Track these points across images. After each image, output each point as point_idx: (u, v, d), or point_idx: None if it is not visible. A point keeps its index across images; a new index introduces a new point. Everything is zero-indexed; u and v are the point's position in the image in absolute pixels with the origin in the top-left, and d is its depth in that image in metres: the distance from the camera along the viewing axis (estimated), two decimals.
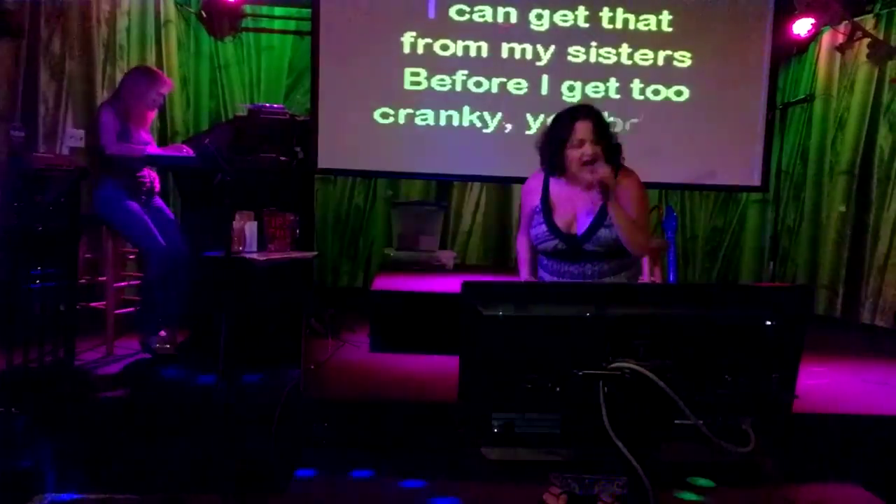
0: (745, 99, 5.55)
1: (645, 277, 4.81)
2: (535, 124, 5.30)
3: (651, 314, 1.49)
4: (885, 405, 3.50)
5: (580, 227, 2.70)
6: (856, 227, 5.54)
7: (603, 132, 2.70)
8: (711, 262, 6.44)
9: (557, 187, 2.78)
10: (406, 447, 3.15)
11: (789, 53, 6.02)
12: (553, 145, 2.73)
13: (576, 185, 2.73)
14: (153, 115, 4.20)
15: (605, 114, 2.80)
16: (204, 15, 5.82)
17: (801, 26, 5.61)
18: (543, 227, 2.74)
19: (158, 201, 4.16)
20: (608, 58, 5.45)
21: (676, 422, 1.43)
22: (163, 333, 4.02)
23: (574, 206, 2.73)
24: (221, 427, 2.93)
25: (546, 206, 2.76)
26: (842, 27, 5.54)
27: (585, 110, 2.73)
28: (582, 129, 2.66)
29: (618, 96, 5.46)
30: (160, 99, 4.07)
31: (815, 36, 5.81)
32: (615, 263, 2.73)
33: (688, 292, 1.69)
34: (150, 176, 4.08)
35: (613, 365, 1.41)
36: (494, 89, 5.44)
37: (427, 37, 5.41)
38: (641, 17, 5.44)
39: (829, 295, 5.72)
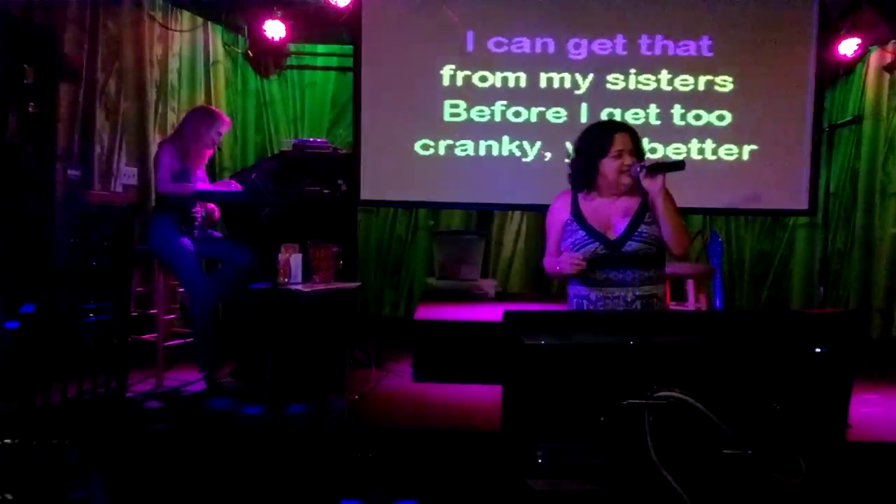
0: (790, 121, 5.47)
1: (690, 304, 4.75)
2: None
3: (696, 342, 1.47)
4: None
5: (617, 232, 2.72)
6: None
7: (638, 145, 2.75)
8: (759, 289, 6.30)
9: (586, 202, 2.80)
10: (450, 477, 3.13)
11: (836, 74, 5.91)
12: (589, 157, 2.74)
13: (608, 197, 2.75)
14: (211, 153, 4.32)
15: (646, 139, 2.82)
16: (250, 54, 5.99)
17: (847, 47, 5.52)
18: (581, 233, 2.73)
19: (210, 231, 4.27)
20: (647, 84, 5.43)
21: (725, 451, 1.41)
22: (228, 368, 4.07)
23: (607, 216, 2.75)
24: (268, 456, 2.96)
25: (579, 216, 2.77)
26: (890, 46, 5.44)
27: (621, 123, 2.79)
28: (621, 140, 2.69)
29: (658, 122, 5.43)
30: (219, 138, 4.21)
31: (861, 56, 5.71)
32: (654, 272, 2.73)
33: (734, 319, 1.67)
34: (203, 210, 4.19)
35: (659, 394, 1.39)
36: (533, 118, 5.46)
37: (466, 69, 5.48)
38: (681, 44, 5.42)
39: (884, 319, 5.55)
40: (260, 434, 3.17)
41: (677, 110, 5.45)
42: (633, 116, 5.40)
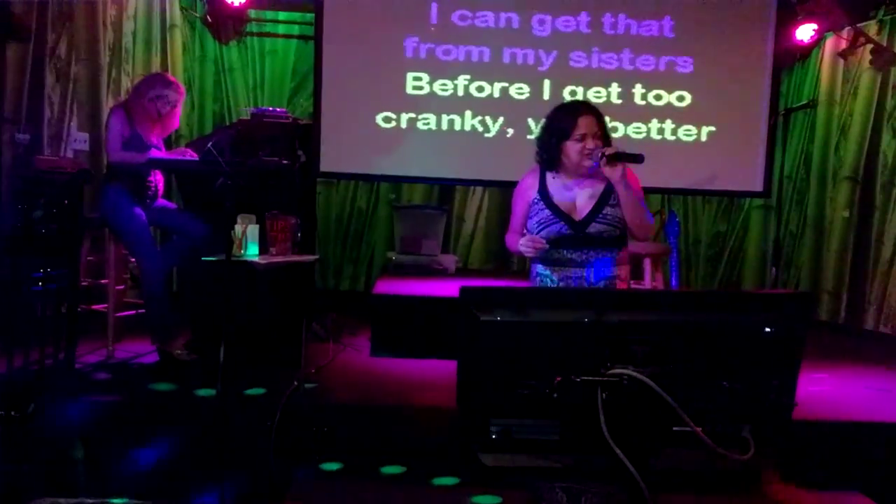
0: (747, 104, 5.56)
1: (647, 282, 4.82)
2: (537, 129, 5.29)
3: (650, 320, 1.49)
4: (887, 412, 3.49)
5: (581, 213, 2.75)
6: (859, 233, 5.52)
7: (604, 128, 2.76)
8: (714, 268, 6.42)
9: (554, 181, 2.82)
10: (405, 452, 3.14)
11: (792, 59, 6.00)
12: (554, 138, 2.75)
13: (574, 178, 2.78)
14: (172, 123, 4.14)
15: (607, 118, 2.84)
16: (209, 19, 5.83)
17: (804, 32, 5.60)
18: (546, 212, 2.76)
19: (160, 202, 4.16)
20: (610, 63, 5.46)
21: (675, 428, 1.43)
22: (182, 340, 3.99)
23: (574, 197, 2.79)
24: (221, 430, 2.93)
25: (546, 196, 2.79)
26: (845, 33, 5.53)
27: (587, 106, 2.79)
28: (585, 123, 2.71)
29: (619, 101, 5.47)
30: (160, 101, 3.97)
31: (817, 42, 5.80)
32: (615, 255, 2.77)
33: (688, 298, 1.69)
34: (157, 180, 4.09)
35: (612, 371, 1.41)
36: (496, 94, 5.46)
37: (429, 42, 5.43)
38: (643, 23, 5.44)
39: (833, 301, 5.70)
40: (213, 407, 3.13)
41: (638, 90, 5.50)
42: (594, 95, 5.43)
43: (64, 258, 3.63)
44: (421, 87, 5.44)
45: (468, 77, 5.43)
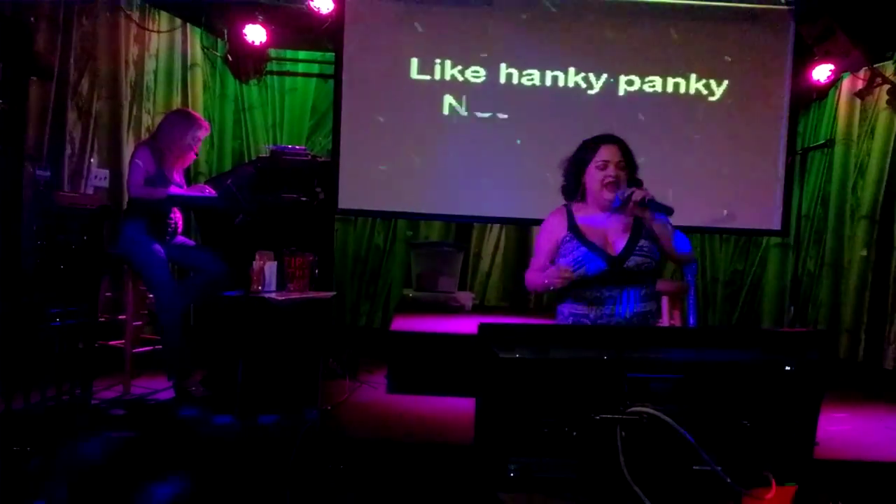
0: (765, 143, 5.57)
1: (665, 320, 4.78)
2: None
3: (670, 358, 1.47)
4: None
5: (617, 248, 2.68)
6: (877, 272, 5.47)
7: (628, 159, 2.73)
8: (732, 306, 6.36)
9: (584, 217, 2.77)
10: (422, 490, 3.11)
11: (809, 99, 6.02)
12: (575, 166, 2.75)
13: (601, 212, 2.74)
14: (192, 158, 4.25)
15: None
16: (230, 58, 5.94)
17: (821, 72, 5.62)
18: (583, 249, 2.67)
19: (179, 239, 4.20)
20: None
21: (695, 467, 1.41)
22: (198, 377, 3.99)
23: (604, 231, 2.72)
24: (237, 467, 2.92)
25: (577, 232, 2.73)
26: (861, 73, 5.55)
27: (611, 136, 2.76)
28: (606, 151, 2.69)
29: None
30: (197, 143, 4.13)
31: (834, 82, 5.81)
32: (649, 290, 2.73)
33: (707, 336, 1.67)
34: (176, 217, 4.13)
35: (631, 409, 1.39)
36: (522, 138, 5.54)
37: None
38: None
39: (852, 340, 5.62)
40: (229, 444, 3.12)
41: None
42: None
43: (83, 294, 3.66)
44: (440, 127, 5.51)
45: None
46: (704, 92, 5.56)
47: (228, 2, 5.48)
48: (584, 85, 5.51)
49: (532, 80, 5.50)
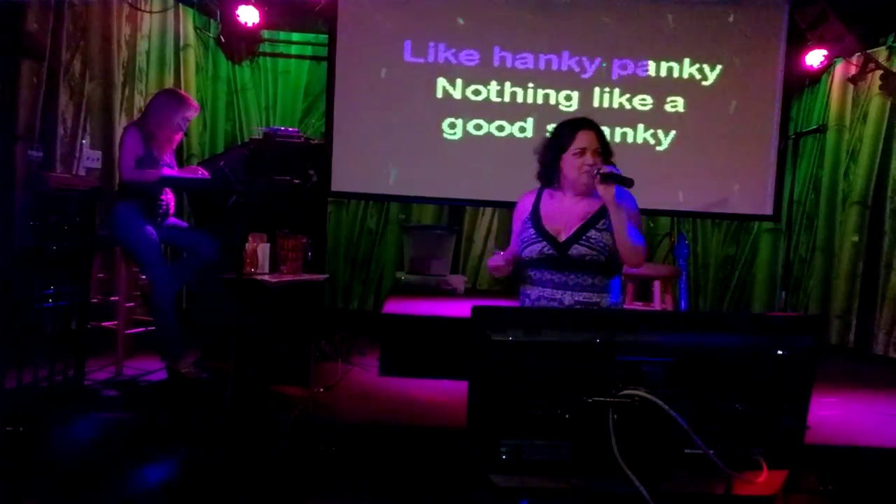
0: (757, 129, 5.58)
1: (656, 304, 4.80)
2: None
3: (662, 342, 1.48)
4: None
5: (567, 234, 2.68)
6: (868, 258, 5.50)
7: (604, 145, 2.71)
8: (723, 291, 6.40)
9: (550, 201, 2.78)
10: (414, 472, 3.13)
11: (802, 84, 6.02)
12: (552, 152, 2.74)
13: (570, 197, 2.74)
14: (179, 138, 4.22)
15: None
16: (222, 39, 5.90)
17: (814, 58, 5.62)
18: (530, 231, 2.72)
19: (171, 220, 4.19)
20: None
21: (686, 451, 1.42)
22: (190, 358, 3.99)
23: (565, 218, 2.72)
24: (229, 448, 2.93)
25: (536, 215, 2.76)
26: (854, 59, 5.55)
27: (588, 121, 2.74)
28: (583, 138, 2.67)
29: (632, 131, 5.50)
30: (185, 123, 4.09)
31: (827, 67, 5.82)
32: (598, 280, 2.67)
33: (699, 320, 1.68)
34: (168, 198, 4.11)
35: (623, 392, 1.40)
36: (509, 131, 5.50)
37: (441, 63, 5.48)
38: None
39: (842, 325, 5.67)
40: (221, 426, 3.12)
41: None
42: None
43: (75, 275, 3.65)
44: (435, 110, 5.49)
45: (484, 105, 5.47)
46: (698, 76, 5.56)
47: None
48: (577, 69, 5.50)
49: (525, 63, 5.48)
